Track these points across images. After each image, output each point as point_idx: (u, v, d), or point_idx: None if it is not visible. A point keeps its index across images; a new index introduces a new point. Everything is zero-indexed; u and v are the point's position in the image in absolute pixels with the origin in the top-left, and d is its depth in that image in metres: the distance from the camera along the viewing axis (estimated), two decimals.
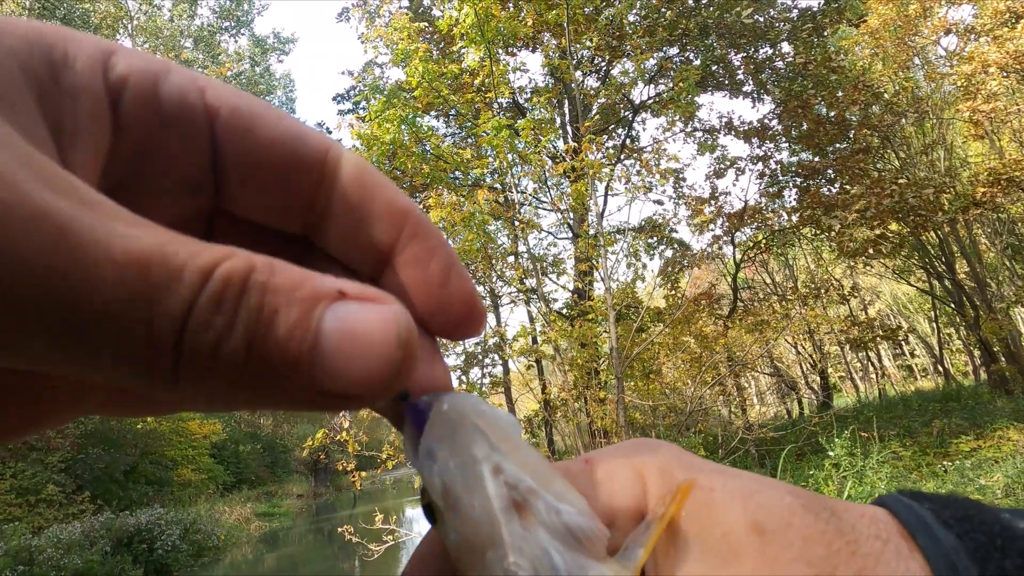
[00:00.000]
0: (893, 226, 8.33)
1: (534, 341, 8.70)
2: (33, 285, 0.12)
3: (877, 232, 7.54)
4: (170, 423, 15.97)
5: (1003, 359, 10.33)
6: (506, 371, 9.81)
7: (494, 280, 8.39)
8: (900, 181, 8.59)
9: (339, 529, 6.72)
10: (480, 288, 8.89)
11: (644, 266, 10.21)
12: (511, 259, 8.06)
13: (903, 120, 9.89)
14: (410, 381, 0.17)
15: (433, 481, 0.18)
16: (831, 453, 5.64)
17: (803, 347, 16.30)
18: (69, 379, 0.18)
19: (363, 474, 6.45)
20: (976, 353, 13.67)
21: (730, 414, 9.67)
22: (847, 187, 8.53)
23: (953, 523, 0.18)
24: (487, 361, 8.61)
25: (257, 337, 0.14)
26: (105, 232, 0.13)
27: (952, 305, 11.30)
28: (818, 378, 15.48)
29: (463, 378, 8.08)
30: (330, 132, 11.27)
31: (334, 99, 12.35)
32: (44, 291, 0.12)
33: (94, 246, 0.13)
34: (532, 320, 9.52)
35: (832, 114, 9.03)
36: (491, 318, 10.21)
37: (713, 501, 0.19)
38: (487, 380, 8.74)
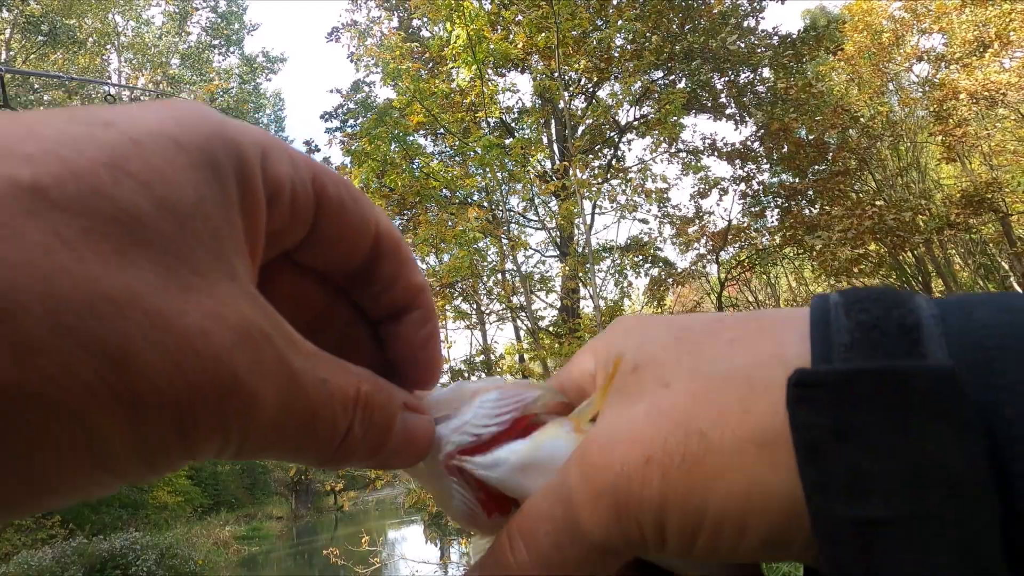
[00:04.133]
0: (872, 246, 8.55)
1: (521, 359, 8.69)
2: (288, 421, 0.20)
3: (858, 252, 7.73)
4: None
5: None
6: None
7: (481, 297, 8.40)
8: (878, 203, 8.85)
9: (324, 551, 6.58)
10: (467, 305, 8.89)
11: (630, 284, 10.32)
12: (499, 276, 8.09)
13: (879, 143, 10.22)
14: None
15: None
16: None
17: None
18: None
19: (351, 494, 6.34)
20: None
21: None
22: (827, 208, 8.75)
23: (849, 292, 0.21)
24: (473, 378, 8.57)
25: (374, 437, 0.24)
26: (312, 377, 0.21)
27: None
28: None
29: None
30: (318, 150, 11.28)
31: (322, 117, 12.37)
32: (292, 423, 0.20)
33: (312, 388, 0.21)
34: (519, 337, 9.52)
35: (812, 137, 9.29)
36: (478, 335, 10.19)
37: (623, 360, 0.24)
38: None
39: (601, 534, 0.21)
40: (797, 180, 9.59)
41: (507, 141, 7.56)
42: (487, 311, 9.29)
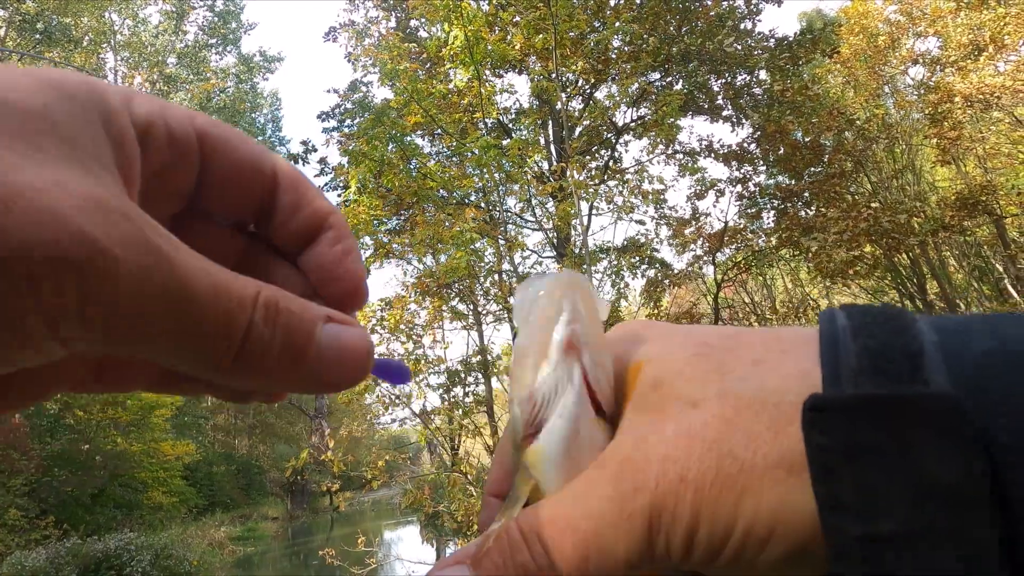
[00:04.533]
0: (867, 248, 8.59)
1: None
2: (164, 301, 0.19)
3: (854, 254, 7.76)
4: (142, 444, 15.48)
5: None
6: (489, 390, 9.76)
7: (478, 297, 8.40)
8: (873, 205, 8.88)
9: (320, 552, 6.57)
10: (464, 306, 8.89)
11: (627, 285, 10.33)
12: (495, 277, 8.09)
13: (875, 146, 10.26)
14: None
15: (517, 306, 0.27)
16: None
17: None
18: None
19: (347, 495, 6.32)
20: None
21: None
22: (823, 209, 8.78)
23: (855, 314, 0.22)
24: (470, 379, 8.56)
25: (287, 341, 0.22)
26: (194, 266, 0.20)
27: None
28: None
29: (445, 396, 8.03)
30: (315, 150, 11.29)
31: (319, 116, 12.35)
32: (169, 304, 0.19)
33: (192, 276, 0.20)
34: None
35: (808, 139, 9.32)
36: (475, 336, 10.19)
37: (642, 371, 0.25)
38: (470, 399, 8.69)
39: (631, 550, 0.22)
40: (793, 182, 9.61)
41: (504, 142, 7.56)
42: (484, 312, 9.29)
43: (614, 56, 8.42)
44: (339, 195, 8.92)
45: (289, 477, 21.46)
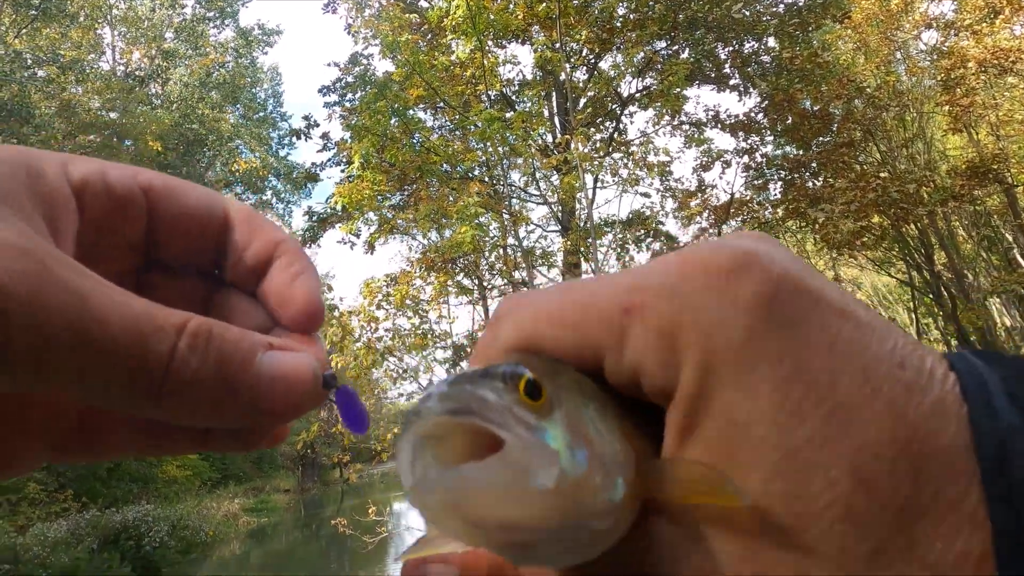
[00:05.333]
0: (875, 218, 8.50)
1: None
2: (68, 333, 0.19)
3: (861, 224, 7.69)
4: None
5: (979, 348, 10.58)
6: None
7: (483, 272, 8.41)
8: (882, 175, 8.76)
9: (332, 522, 6.74)
10: (469, 280, 8.90)
11: (632, 259, 10.31)
12: (500, 251, 8.08)
13: (885, 114, 10.07)
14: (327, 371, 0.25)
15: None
16: None
17: None
18: (26, 424, 0.24)
19: (358, 467, 6.44)
20: (953, 342, 13.99)
21: None
22: (830, 180, 8.67)
23: (1021, 395, 0.16)
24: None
25: (221, 368, 0.21)
26: (109, 299, 0.20)
27: (931, 295, 11.58)
28: None
29: (451, 370, 8.11)
30: (317, 125, 11.18)
31: (320, 91, 12.20)
32: (75, 336, 0.19)
33: (105, 308, 0.19)
34: None
35: (816, 108, 9.15)
36: (480, 311, 10.23)
37: (738, 453, 0.17)
38: None
39: None
40: (801, 152, 9.48)
41: (508, 115, 7.47)
42: (489, 286, 9.31)
43: (619, 24, 8.24)
44: (342, 170, 8.87)
45: (300, 450, 21.86)
